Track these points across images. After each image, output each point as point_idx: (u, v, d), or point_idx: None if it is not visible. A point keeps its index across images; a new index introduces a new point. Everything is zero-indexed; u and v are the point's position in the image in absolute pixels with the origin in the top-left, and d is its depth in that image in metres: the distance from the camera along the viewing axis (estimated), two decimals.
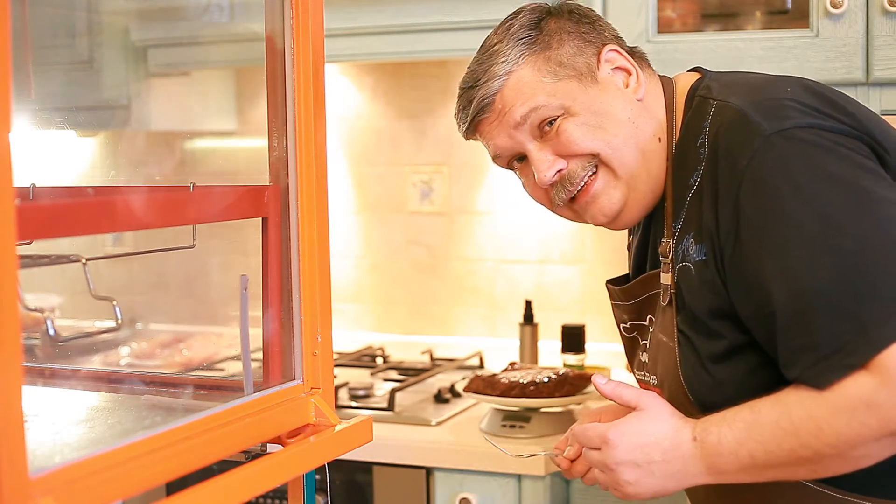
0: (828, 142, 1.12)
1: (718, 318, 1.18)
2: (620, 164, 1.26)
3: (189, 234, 1.06)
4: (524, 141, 1.28)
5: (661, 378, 1.28)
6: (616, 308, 1.42)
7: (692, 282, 1.21)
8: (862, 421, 1.04)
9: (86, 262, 0.91)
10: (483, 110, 1.27)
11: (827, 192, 1.10)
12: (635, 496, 1.21)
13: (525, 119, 1.26)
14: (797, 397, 1.09)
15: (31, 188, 1.08)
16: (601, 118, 1.25)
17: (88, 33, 2.24)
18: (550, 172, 1.27)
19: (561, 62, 1.26)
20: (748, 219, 1.13)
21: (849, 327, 1.05)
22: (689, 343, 1.22)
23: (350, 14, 2.12)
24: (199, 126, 2.62)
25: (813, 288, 1.08)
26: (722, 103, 1.21)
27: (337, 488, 1.93)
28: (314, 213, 1.07)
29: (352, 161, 2.60)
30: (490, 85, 1.26)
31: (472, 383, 1.96)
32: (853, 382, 1.05)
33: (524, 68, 1.26)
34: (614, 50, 1.29)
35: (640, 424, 1.20)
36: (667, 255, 1.26)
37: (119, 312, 0.93)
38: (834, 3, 1.78)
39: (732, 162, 1.15)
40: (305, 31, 1.05)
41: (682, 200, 1.24)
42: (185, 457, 0.87)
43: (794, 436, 1.08)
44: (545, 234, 2.44)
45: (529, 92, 1.25)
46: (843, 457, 1.08)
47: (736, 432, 1.12)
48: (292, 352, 1.07)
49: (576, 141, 1.25)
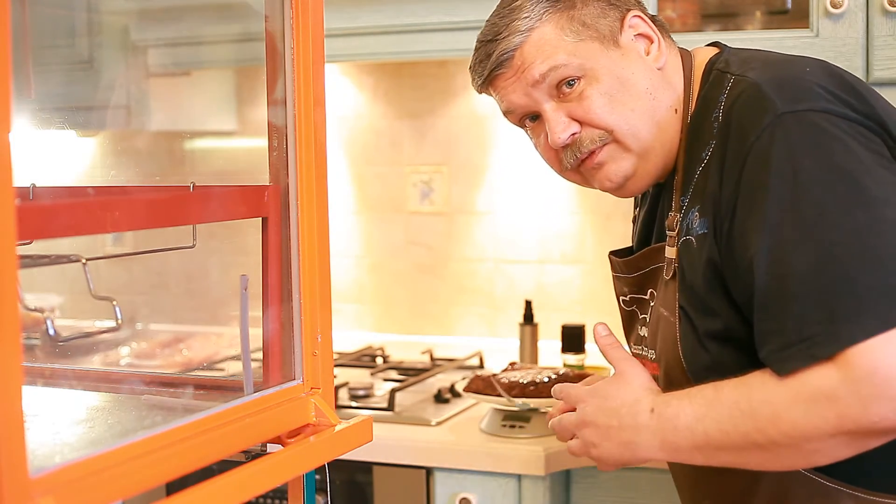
0: (838, 130, 1.11)
1: (715, 293, 1.18)
2: (634, 139, 1.25)
3: (189, 234, 1.06)
4: (540, 100, 1.26)
5: (660, 353, 1.28)
6: (617, 280, 1.42)
7: (693, 255, 1.20)
8: (820, 413, 1.04)
9: (86, 262, 0.91)
10: (501, 65, 1.26)
11: (827, 181, 1.09)
12: (600, 461, 1.23)
13: (544, 77, 1.25)
14: (760, 380, 1.09)
15: (31, 188, 1.08)
16: (621, 86, 1.24)
17: (88, 33, 2.24)
18: (565, 135, 1.26)
19: (584, 22, 1.25)
20: (746, 194, 1.13)
21: (820, 318, 1.05)
22: (689, 318, 1.21)
23: (350, 14, 2.12)
24: (200, 126, 2.62)
25: (794, 273, 1.07)
26: (739, 77, 1.20)
27: (337, 488, 1.93)
28: (314, 213, 1.07)
29: (352, 161, 2.60)
30: (511, 40, 1.25)
31: (471, 383, 1.96)
32: (817, 373, 1.04)
33: (547, 25, 1.24)
34: (638, 16, 1.28)
35: (610, 388, 1.22)
36: (673, 228, 1.25)
37: (119, 312, 0.93)
38: (834, 3, 1.78)
39: (741, 136, 1.15)
40: (305, 31, 1.05)
41: (691, 174, 1.23)
42: (185, 457, 0.87)
43: (751, 418, 1.08)
44: (545, 234, 2.44)
45: (551, 50, 1.24)
46: (796, 448, 1.07)
47: (696, 407, 1.12)
48: (292, 352, 1.07)
49: (596, 111, 1.24)
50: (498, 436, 1.87)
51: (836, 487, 1.16)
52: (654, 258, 1.31)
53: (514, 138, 2.42)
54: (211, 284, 2.25)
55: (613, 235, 2.35)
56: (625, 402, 1.19)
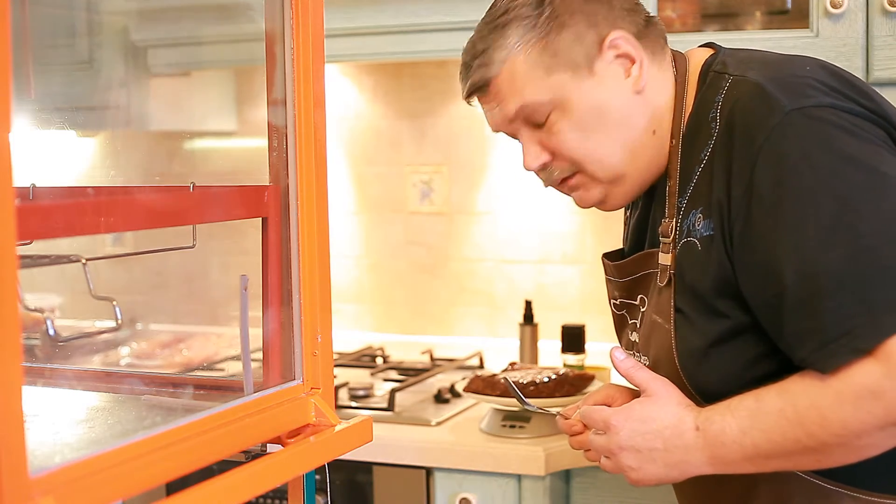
0: (847, 123, 1.11)
1: (722, 297, 1.17)
2: (602, 170, 1.26)
3: (189, 235, 1.06)
4: (518, 128, 1.28)
5: (655, 359, 1.27)
6: (609, 283, 1.41)
7: (696, 258, 1.19)
8: (867, 409, 1.04)
9: (86, 262, 0.91)
10: (480, 90, 1.28)
11: (845, 173, 1.08)
12: (639, 481, 1.20)
13: (517, 114, 1.26)
14: (802, 386, 1.08)
15: (31, 188, 1.08)
16: (593, 118, 1.24)
17: (88, 33, 2.24)
18: (535, 163, 1.28)
19: (556, 52, 1.23)
20: (762, 196, 1.11)
21: (857, 312, 1.04)
22: (688, 323, 1.20)
23: (350, 14, 2.12)
24: (199, 126, 2.62)
25: (825, 270, 1.06)
26: (738, 78, 1.19)
27: (337, 488, 1.93)
28: (314, 213, 1.07)
29: (352, 161, 2.60)
30: (488, 70, 1.25)
31: (471, 383, 1.96)
32: (859, 370, 1.04)
33: (519, 56, 1.23)
34: (621, 36, 1.24)
35: (644, 411, 1.19)
36: (668, 235, 1.24)
37: (119, 312, 0.93)
38: (834, 4, 1.78)
39: (749, 137, 1.13)
40: (305, 31, 1.05)
41: (689, 175, 1.22)
42: (185, 457, 0.87)
43: (799, 425, 1.08)
44: (545, 234, 2.44)
45: (521, 86, 1.24)
46: (847, 446, 1.07)
47: (740, 421, 1.11)
48: (292, 352, 1.07)
49: (565, 144, 1.25)
50: (498, 436, 1.87)
51: (835, 489, 1.16)
52: (646, 264, 1.30)
53: None
54: (211, 284, 2.25)
55: (613, 236, 2.34)
56: (667, 424, 1.17)
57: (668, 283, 1.23)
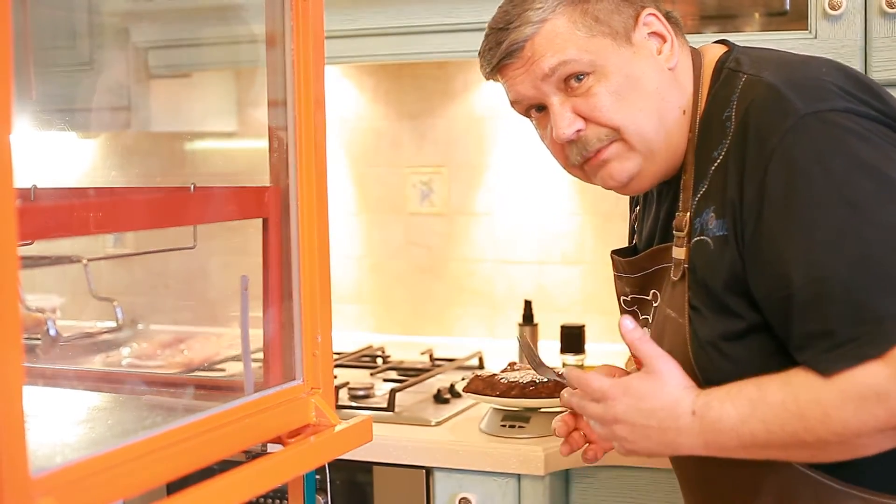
0: (862, 128, 1.11)
1: (735, 295, 1.16)
2: (640, 139, 1.23)
3: (190, 235, 1.06)
4: (548, 92, 1.25)
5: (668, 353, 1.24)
6: (619, 280, 1.40)
7: (710, 256, 1.19)
8: (870, 411, 1.04)
9: (87, 262, 0.92)
10: (511, 55, 1.24)
11: (858, 179, 1.09)
12: (631, 452, 1.20)
13: (553, 71, 1.23)
14: (806, 380, 1.08)
15: (33, 189, 1.08)
16: (630, 86, 1.23)
17: (89, 35, 2.25)
18: (569, 130, 1.24)
19: (597, 17, 1.23)
20: (774, 198, 1.11)
21: (866, 317, 1.05)
22: (702, 318, 1.20)
23: (350, 16, 2.13)
24: (200, 127, 2.62)
25: (834, 274, 1.07)
26: (753, 77, 1.19)
27: (337, 488, 1.93)
28: (314, 213, 1.07)
29: (352, 162, 2.60)
30: (522, 30, 1.23)
31: (471, 383, 1.96)
32: (865, 371, 1.04)
33: (559, 18, 1.22)
34: (653, 14, 1.26)
35: (644, 387, 1.17)
36: (682, 229, 1.23)
37: (120, 313, 0.94)
38: (832, 5, 1.78)
39: (762, 139, 1.13)
40: (305, 33, 1.05)
41: (703, 173, 1.22)
42: (185, 457, 0.88)
43: (800, 419, 1.08)
44: (545, 234, 2.44)
45: (562, 43, 1.22)
46: (845, 444, 1.08)
47: (739, 409, 1.11)
48: (292, 352, 1.07)
49: (602, 109, 1.23)
50: (497, 436, 1.88)
51: (843, 489, 1.17)
52: (660, 258, 1.30)
53: (514, 139, 2.42)
54: (211, 285, 2.25)
55: (613, 236, 2.35)
56: (663, 405, 1.16)
57: (682, 278, 1.23)
